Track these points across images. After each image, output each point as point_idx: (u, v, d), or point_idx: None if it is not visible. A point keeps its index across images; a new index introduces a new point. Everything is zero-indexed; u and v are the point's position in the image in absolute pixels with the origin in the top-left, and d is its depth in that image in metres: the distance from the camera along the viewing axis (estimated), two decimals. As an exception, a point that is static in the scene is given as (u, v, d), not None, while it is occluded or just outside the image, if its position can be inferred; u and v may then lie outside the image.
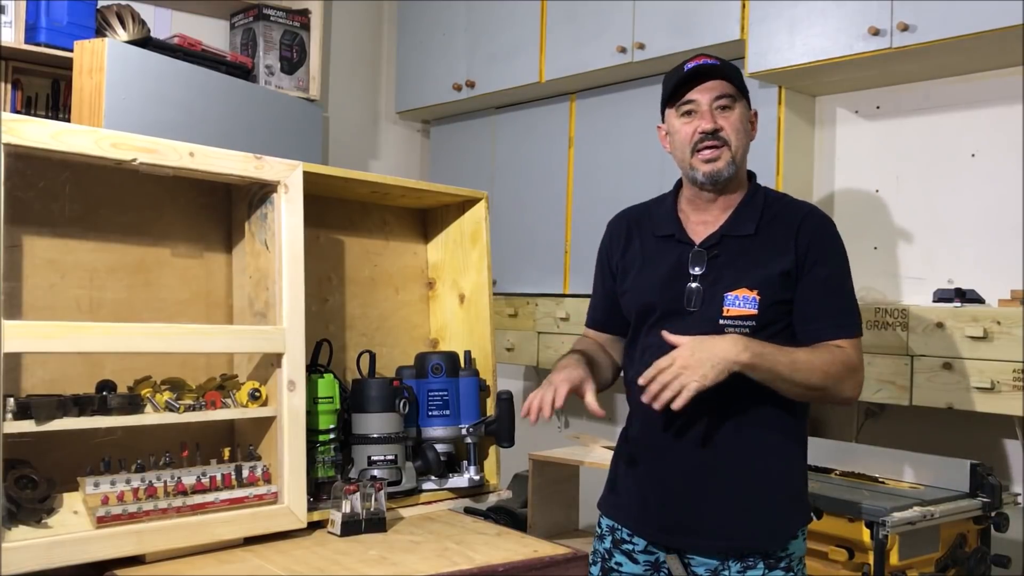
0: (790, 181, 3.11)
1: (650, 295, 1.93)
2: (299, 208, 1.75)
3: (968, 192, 2.87)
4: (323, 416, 1.81)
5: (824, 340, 1.85)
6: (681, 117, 1.91)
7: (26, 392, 1.56)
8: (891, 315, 2.63)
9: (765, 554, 1.85)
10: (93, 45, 2.97)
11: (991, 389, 2.42)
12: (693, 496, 1.87)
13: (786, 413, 1.88)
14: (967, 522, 2.39)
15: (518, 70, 3.75)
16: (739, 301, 1.85)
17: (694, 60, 1.91)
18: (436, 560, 1.55)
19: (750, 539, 1.86)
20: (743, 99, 1.92)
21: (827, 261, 1.90)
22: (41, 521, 1.43)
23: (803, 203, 2.00)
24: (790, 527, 1.90)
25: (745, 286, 1.85)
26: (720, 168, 1.87)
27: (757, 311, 1.84)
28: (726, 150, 1.88)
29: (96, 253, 1.70)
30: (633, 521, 1.93)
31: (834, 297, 1.89)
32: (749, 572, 1.85)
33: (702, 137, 1.87)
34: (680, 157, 1.93)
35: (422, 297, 2.25)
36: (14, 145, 1.43)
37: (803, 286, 1.87)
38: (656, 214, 2.02)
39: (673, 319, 1.88)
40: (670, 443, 1.88)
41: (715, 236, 1.91)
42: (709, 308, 1.86)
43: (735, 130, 1.89)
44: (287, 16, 3.96)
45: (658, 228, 1.99)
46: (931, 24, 2.56)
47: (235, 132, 3.33)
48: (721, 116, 1.88)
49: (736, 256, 1.88)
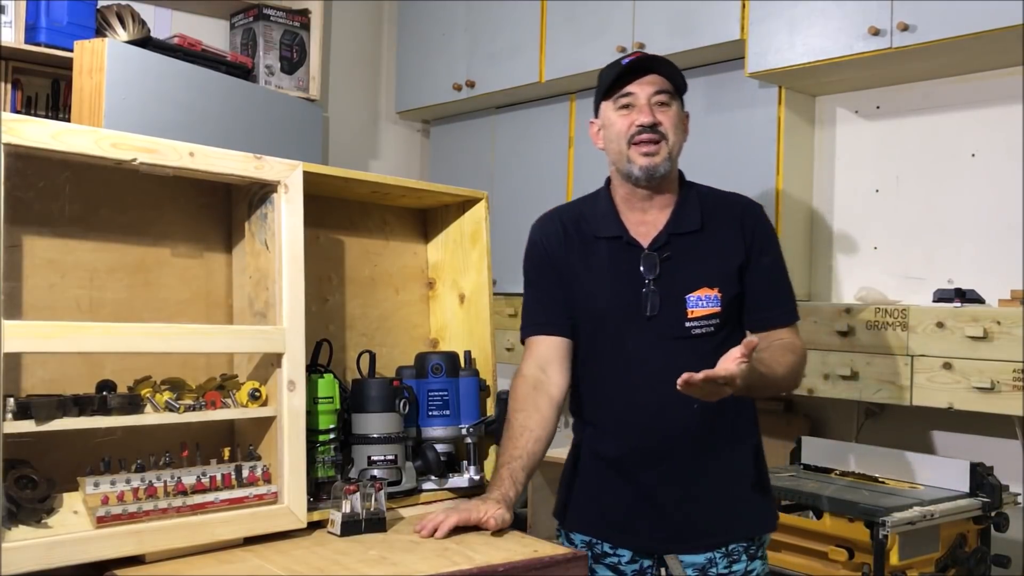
0: (790, 181, 3.11)
1: (603, 302, 1.89)
2: (299, 208, 1.75)
3: (968, 192, 2.87)
4: (323, 416, 1.81)
5: (774, 328, 1.90)
6: (618, 110, 1.87)
7: (26, 392, 1.55)
8: (891, 315, 2.63)
9: (747, 545, 1.90)
10: (93, 45, 2.97)
11: (991, 389, 2.42)
12: (682, 502, 1.88)
13: (745, 403, 1.92)
14: (967, 522, 2.39)
15: (518, 70, 3.76)
16: (702, 301, 1.85)
17: (632, 56, 1.88)
18: (436, 560, 1.55)
19: (739, 533, 1.89)
20: (679, 99, 1.89)
21: (769, 250, 1.93)
22: (41, 521, 1.43)
23: (735, 194, 2.00)
24: (769, 515, 1.98)
25: (705, 285, 1.86)
26: (657, 163, 1.84)
27: (720, 308, 1.86)
28: (663, 145, 1.85)
29: (96, 253, 1.70)
30: (618, 534, 1.92)
31: (779, 284, 1.94)
32: (735, 566, 1.88)
33: (640, 129, 1.83)
34: (615, 150, 1.88)
35: (422, 297, 2.25)
36: (14, 145, 1.43)
37: (751, 276, 1.90)
38: (592, 215, 1.95)
39: (632, 326, 1.86)
40: (652, 452, 1.88)
41: (662, 236, 1.88)
42: (671, 311, 1.85)
43: (673, 126, 1.86)
44: (287, 16, 3.96)
45: (599, 229, 1.92)
46: (931, 24, 2.56)
47: (235, 132, 3.33)
48: (659, 111, 1.84)
49: (688, 254, 1.87)
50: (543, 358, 1.92)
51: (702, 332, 1.85)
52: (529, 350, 1.95)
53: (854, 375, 2.69)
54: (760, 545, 1.93)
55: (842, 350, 2.73)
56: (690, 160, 1.94)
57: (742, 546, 1.89)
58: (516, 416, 1.87)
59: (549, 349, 1.93)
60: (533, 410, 1.87)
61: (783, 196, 3.06)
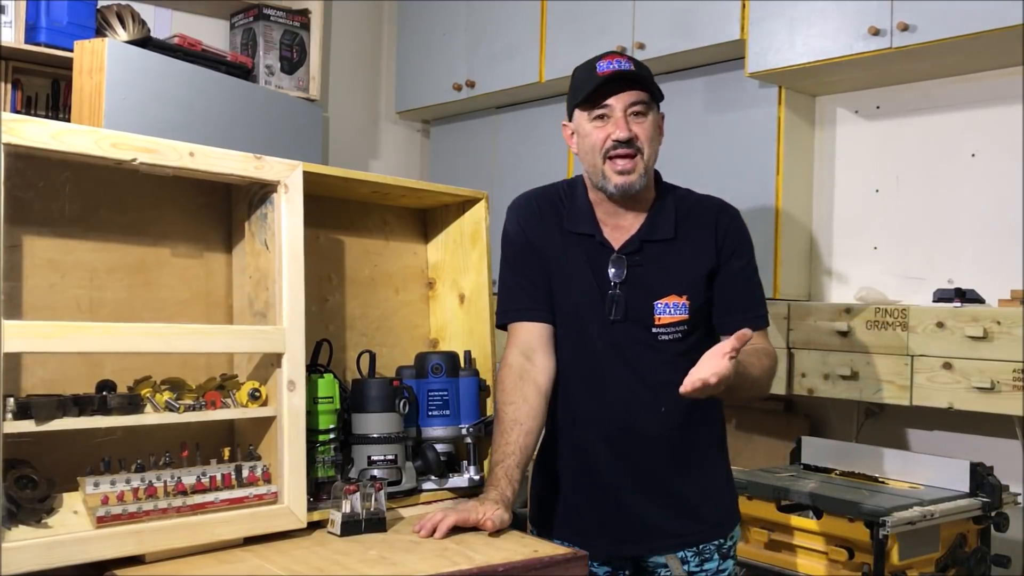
0: (790, 181, 3.11)
1: (575, 297, 1.88)
2: (299, 208, 1.75)
3: (968, 192, 2.87)
4: (323, 416, 1.81)
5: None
6: (593, 120, 1.84)
7: (26, 392, 1.55)
8: (891, 315, 2.63)
9: (719, 543, 1.91)
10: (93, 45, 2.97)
11: (991, 389, 2.42)
12: (654, 502, 1.89)
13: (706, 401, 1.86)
14: (967, 522, 2.39)
15: (518, 70, 3.76)
16: (670, 308, 1.85)
17: (608, 59, 1.82)
18: (436, 560, 1.55)
19: (710, 531, 1.90)
20: (655, 104, 1.86)
21: (742, 254, 1.92)
22: (41, 521, 1.43)
23: (711, 198, 1.98)
24: (736, 512, 2.00)
25: (674, 292, 1.85)
26: (632, 181, 1.82)
27: (688, 315, 1.85)
28: (639, 160, 1.82)
29: (96, 253, 1.70)
30: (588, 537, 1.88)
31: (750, 288, 1.93)
32: (706, 564, 1.89)
33: (615, 144, 1.81)
34: (590, 162, 1.86)
35: (422, 297, 2.25)
36: (14, 145, 1.43)
37: (722, 279, 1.89)
38: (569, 209, 1.93)
39: (599, 327, 1.86)
40: (620, 452, 1.88)
41: (634, 242, 1.87)
42: (639, 316, 1.85)
43: (648, 138, 1.83)
44: (287, 16, 3.96)
45: (574, 225, 1.91)
46: (931, 24, 2.56)
47: (235, 132, 3.33)
48: (635, 123, 1.82)
49: (658, 262, 1.86)
50: (528, 345, 1.90)
51: (669, 338, 1.85)
52: (513, 336, 1.93)
53: (854, 375, 2.70)
54: (732, 543, 1.94)
55: (842, 350, 2.73)
56: (690, 160, 1.95)
57: (714, 544, 1.90)
58: (505, 409, 1.85)
59: (533, 335, 1.90)
60: (522, 401, 1.85)
61: (783, 196, 3.06)
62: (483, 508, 1.70)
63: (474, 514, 1.69)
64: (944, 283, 2.84)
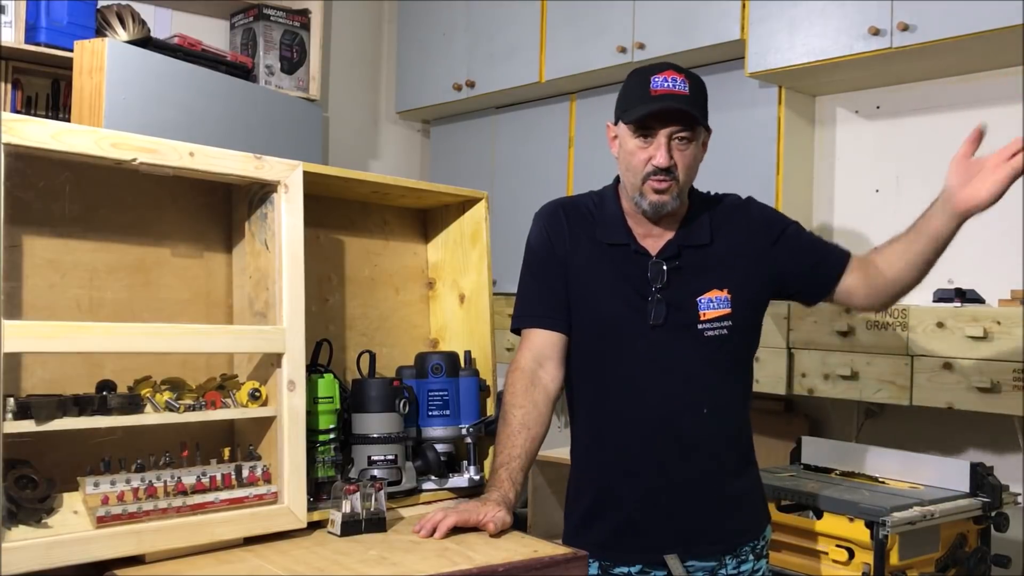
0: (790, 181, 3.11)
1: (609, 310, 1.88)
2: (299, 208, 1.75)
3: (968, 192, 2.86)
4: (323, 416, 1.81)
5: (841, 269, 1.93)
6: (636, 138, 1.83)
7: (26, 392, 1.55)
8: (891, 315, 2.63)
9: (753, 544, 1.91)
10: (93, 45, 2.97)
11: (991, 389, 2.42)
12: (691, 506, 1.87)
13: (742, 402, 1.94)
14: (967, 522, 2.39)
15: (518, 70, 3.76)
16: (713, 303, 1.86)
17: (663, 75, 1.80)
18: (436, 560, 1.55)
19: (746, 533, 1.90)
20: (702, 127, 1.85)
21: (785, 225, 1.96)
22: (41, 521, 1.43)
23: (731, 196, 2.01)
24: (767, 511, 2.01)
25: (715, 287, 1.86)
26: (666, 201, 1.84)
27: (731, 309, 1.86)
28: (674, 184, 1.83)
29: (96, 253, 1.70)
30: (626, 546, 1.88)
31: (814, 240, 1.99)
32: (743, 566, 1.88)
33: (655, 169, 1.82)
34: (630, 179, 1.87)
35: (422, 297, 2.25)
36: (14, 145, 1.43)
37: (789, 254, 1.92)
38: (600, 218, 1.94)
39: (639, 333, 1.86)
40: (660, 460, 1.86)
41: (672, 247, 1.88)
42: (682, 317, 1.85)
43: (686, 167, 1.84)
44: (287, 16, 3.96)
45: (606, 235, 1.92)
46: (931, 24, 2.56)
47: (235, 132, 3.33)
48: (676, 150, 1.82)
49: (697, 263, 1.88)
50: (540, 352, 1.92)
51: (714, 334, 1.85)
52: (525, 341, 1.94)
53: (854, 375, 2.69)
54: (765, 542, 1.95)
55: (842, 350, 2.73)
56: (690, 160, 1.96)
57: (749, 546, 1.91)
58: (514, 412, 1.86)
59: (547, 343, 1.92)
60: (531, 406, 1.86)
61: (783, 196, 3.06)
62: (485, 509, 1.70)
63: (476, 515, 1.69)
64: (944, 283, 2.84)
